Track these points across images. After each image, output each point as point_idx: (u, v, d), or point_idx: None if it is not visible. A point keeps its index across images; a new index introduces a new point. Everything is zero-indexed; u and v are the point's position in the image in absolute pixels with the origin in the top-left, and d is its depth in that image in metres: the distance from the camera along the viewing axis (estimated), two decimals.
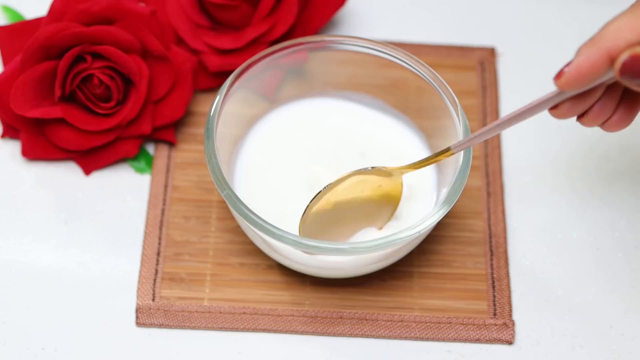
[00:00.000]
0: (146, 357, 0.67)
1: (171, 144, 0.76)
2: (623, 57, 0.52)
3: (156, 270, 0.70)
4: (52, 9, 0.73)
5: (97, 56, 0.72)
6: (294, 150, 0.71)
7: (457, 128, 0.66)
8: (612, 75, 0.53)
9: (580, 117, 0.58)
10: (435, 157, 0.64)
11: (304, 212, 0.66)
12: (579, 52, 0.53)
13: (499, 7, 0.83)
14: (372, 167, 0.67)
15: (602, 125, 0.58)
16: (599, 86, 0.56)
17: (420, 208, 0.69)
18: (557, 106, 0.56)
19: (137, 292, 0.69)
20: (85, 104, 0.73)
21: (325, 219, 0.67)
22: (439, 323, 0.69)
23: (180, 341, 0.68)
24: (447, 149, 0.63)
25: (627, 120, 0.58)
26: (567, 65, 0.53)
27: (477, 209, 0.73)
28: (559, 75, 0.54)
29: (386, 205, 0.68)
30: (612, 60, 0.52)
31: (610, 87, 0.57)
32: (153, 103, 0.74)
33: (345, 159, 0.70)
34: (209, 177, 0.74)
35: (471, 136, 0.62)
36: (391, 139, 0.72)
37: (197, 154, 0.75)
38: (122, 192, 0.74)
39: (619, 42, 0.52)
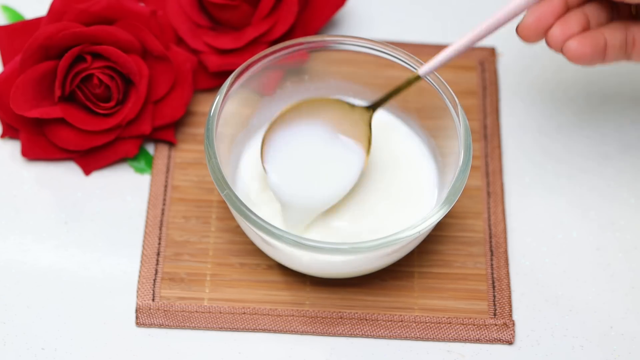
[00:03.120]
0: (146, 357, 0.67)
1: (171, 144, 0.76)
2: None
3: (156, 270, 0.70)
4: (52, 9, 0.73)
5: (97, 56, 0.72)
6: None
7: (457, 128, 0.66)
8: None
9: (547, 36, 0.63)
10: (404, 86, 0.66)
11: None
12: None
13: (499, 7, 0.83)
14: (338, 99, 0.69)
15: (564, 48, 0.63)
16: None
17: (420, 208, 0.69)
18: (521, 24, 0.63)
19: (137, 292, 0.69)
20: (85, 104, 0.73)
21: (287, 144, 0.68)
22: (439, 323, 0.69)
23: (180, 341, 0.68)
24: (416, 76, 0.66)
25: (587, 43, 0.63)
26: None
27: (477, 209, 0.73)
28: None
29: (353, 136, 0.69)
30: None
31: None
32: (153, 103, 0.74)
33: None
34: (209, 177, 0.74)
35: (437, 58, 0.64)
36: (393, 138, 0.72)
37: (197, 154, 0.75)
38: (122, 192, 0.74)
39: None
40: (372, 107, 0.68)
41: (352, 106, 0.68)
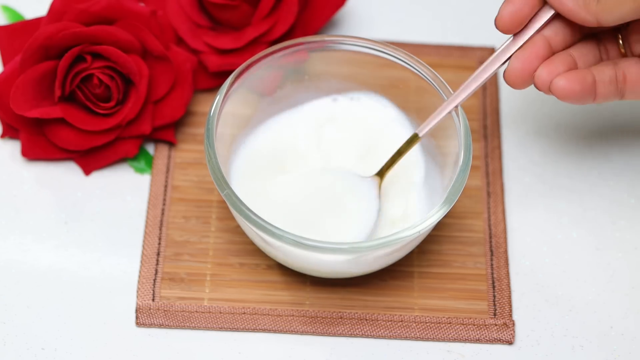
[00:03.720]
0: (146, 357, 0.67)
1: (171, 144, 0.76)
2: None
3: (156, 270, 0.70)
4: (52, 9, 0.73)
5: (97, 56, 0.72)
6: (293, 150, 0.71)
7: (457, 128, 0.66)
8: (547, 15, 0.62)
9: (535, 78, 0.63)
10: (404, 148, 0.67)
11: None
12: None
13: (498, 7, 0.83)
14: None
15: (553, 86, 0.63)
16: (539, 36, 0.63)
17: (420, 208, 0.69)
18: (507, 70, 0.64)
19: (137, 292, 0.69)
20: (85, 104, 0.73)
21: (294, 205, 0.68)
22: (439, 323, 0.69)
23: (180, 341, 0.68)
24: (415, 135, 0.67)
25: (575, 80, 0.62)
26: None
27: (477, 209, 0.73)
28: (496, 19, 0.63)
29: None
30: None
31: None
32: (153, 103, 0.74)
33: (346, 159, 0.70)
34: (209, 177, 0.74)
35: (433, 117, 0.66)
36: (393, 139, 0.72)
37: (197, 154, 0.75)
38: (122, 192, 0.74)
39: None
40: (379, 175, 0.68)
41: (361, 177, 0.68)
